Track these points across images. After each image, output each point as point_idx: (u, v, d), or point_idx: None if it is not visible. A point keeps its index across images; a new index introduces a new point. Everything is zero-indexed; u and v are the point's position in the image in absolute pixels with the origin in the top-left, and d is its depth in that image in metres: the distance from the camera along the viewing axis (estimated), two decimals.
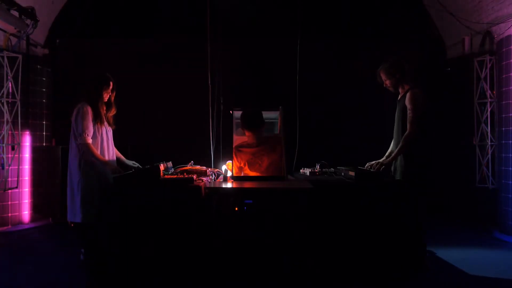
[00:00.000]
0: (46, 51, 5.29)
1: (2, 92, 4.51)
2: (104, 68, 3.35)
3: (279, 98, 4.71)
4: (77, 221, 2.97)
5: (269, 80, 5.31)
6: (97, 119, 3.05)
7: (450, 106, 5.23)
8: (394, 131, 3.31)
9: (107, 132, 3.19)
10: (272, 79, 5.31)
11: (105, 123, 3.15)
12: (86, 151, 2.97)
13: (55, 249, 3.82)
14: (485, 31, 4.73)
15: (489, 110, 4.66)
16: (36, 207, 4.93)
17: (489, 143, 4.66)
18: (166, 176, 2.97)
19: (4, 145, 4.54)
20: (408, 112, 3.06)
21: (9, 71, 4.57)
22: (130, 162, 3.26)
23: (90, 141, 2.98)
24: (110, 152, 3.21)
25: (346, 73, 5.36)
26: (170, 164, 3.41)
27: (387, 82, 3.25)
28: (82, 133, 2.94)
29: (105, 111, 3.17)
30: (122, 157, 3.36)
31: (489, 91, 4.65)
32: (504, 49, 4.35)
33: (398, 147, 3.07)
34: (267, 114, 3.51)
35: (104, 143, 3.13)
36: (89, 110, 3.01)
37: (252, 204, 2.84)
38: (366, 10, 5.51)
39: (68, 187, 3.07)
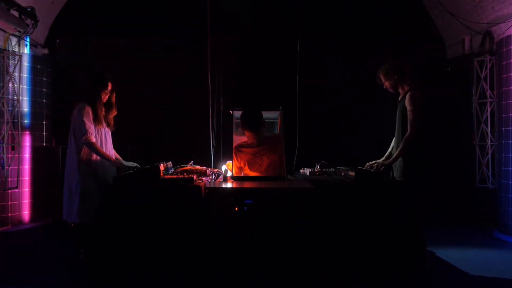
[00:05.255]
0: (46, 51, 5.29)
1: (2, 92, 4.51)
2: (104, 68, 3.34)
3: (279, 98, 4.70)
4: (73, 221, 2.97)
5: (269, 80, 5.31)
6: (96, 120, 3.05)
7: (450, 106, 5.23)
8: (395, 132, 3.31)
9: (106, 134, 3.18)
10: (272, 79, 5.30)
11: (104, 124, 3.14)
12: (92, 150, 2.97)
13: (55, 249, 3.81)
14: (485, 31, 4.73)
15: (489, 110, 4.67)
16: (36, 207, 4.92)
17: (489, 143, 4.66)
18: (166, 176, 2.97)
19: (4, 145, 4.54)
20: (408, 113, 3.07)
21: (9, 71, 4.57)
22: (129, 163, 3.25)
23: (94, 139, 2.98)
24: (109, 153, 3.20)
25: (346, 73, 5.36)
26: (170, 164, 3.41)
27: (387, 84, 3.29)
28: (85, 132, 2.94)
29: (104, 112, 3.15)
30: (120, 159, 3.35)
31: (489, 91, 4.65)
32: (504, 49, 4.35)
33: (399, 148, 3.07)
34: (267, 114, 3.51)
35: (103, 145, 3.12)
36: (90, 110, 3.01)
37: (252, 204, 2.83)
38: (366, 10, 5.51)
39: (65, 186, 3.05)
